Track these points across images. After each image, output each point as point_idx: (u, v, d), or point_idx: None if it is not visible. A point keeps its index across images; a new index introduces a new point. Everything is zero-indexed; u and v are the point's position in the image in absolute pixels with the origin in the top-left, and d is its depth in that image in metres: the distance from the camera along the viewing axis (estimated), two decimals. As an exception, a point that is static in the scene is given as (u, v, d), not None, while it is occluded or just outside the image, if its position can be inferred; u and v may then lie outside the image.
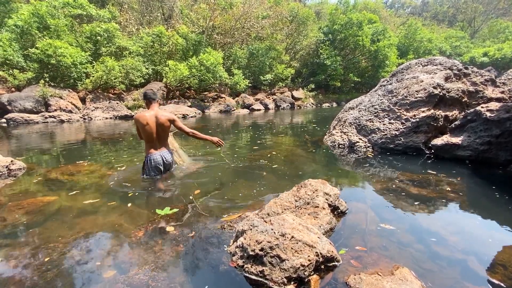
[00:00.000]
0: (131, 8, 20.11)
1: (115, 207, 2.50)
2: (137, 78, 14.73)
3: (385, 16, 40.14)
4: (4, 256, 1.77)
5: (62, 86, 12.97)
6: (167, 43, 16.36)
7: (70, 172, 3.64)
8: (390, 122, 4.58)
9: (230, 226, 2.03)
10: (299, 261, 1.37)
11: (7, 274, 1.59)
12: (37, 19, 13.15)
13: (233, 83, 17.89)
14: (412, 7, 61.41)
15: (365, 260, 1.64)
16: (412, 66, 5.27)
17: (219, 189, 2.98)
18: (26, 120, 10.74)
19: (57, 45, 12.31)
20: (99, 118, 12.04)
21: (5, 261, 1.71)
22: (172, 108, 13.43)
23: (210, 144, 3.90)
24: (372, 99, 5.22)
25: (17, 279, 1.54)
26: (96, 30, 14.27)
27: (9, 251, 1.83)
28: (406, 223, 2.19)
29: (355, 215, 2.29)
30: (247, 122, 10.59)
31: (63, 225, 2.17)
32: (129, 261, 1.69)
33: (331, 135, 5.33)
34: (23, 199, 2.73)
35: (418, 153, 4.29)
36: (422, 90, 4.47)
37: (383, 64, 25.47)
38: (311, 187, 2.14)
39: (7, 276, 1.58)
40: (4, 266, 1.68)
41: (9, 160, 3.63)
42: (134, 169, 3.85)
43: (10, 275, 1.58)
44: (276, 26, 21.78)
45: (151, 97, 3.25)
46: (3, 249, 1.86)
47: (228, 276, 1.52)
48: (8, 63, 12.44)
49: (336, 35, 23.86)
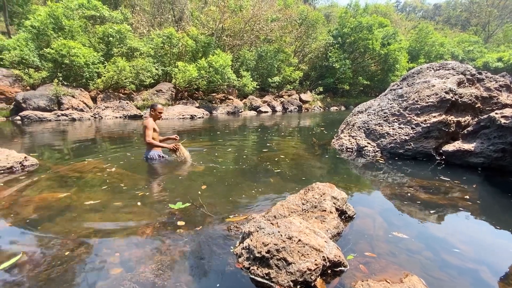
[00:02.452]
0: (142, 10, 20.49)
1: (123, 205, 2.54)
2: (147, 78, 14.95)
3: (396, 20, 39.72)
4: (17, 250, 1.81)
5: (74, 85, 13.28)
6: (177, 45, 16.57)
7: (80, 170, 3.71)
8: (400, 126, 4.51)
9: (237, 228, 2.03)
10: (306, 265, 1.35)
11: (20, 267, 1.63)
12: (52, 20, 13.52)
13: (241, 85, 17.97)
14: (424, 10, 60.58)
15: (373, 267, 1.62)
16: (424, 71, 5.19)
17: (225, 190, 2.98)
18: (39, 118, 11.02)
19: (71, 46, 12.62)
20: (109, 117, 12.26)
21: (17, 255, 1.75)
22: (180, 108, 13.57)
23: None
24: (381, 103, 5.16)
25: (30, 273, 1.57)
26: (108, 31, 14.57)
27: (21, 245, 1.87)
28: (415, 230, 2.14)
29: (363, 220, 2.26)
30: (254, 124, 10.60)
31: (73, 221, 2.21)
32: (135, 259, 1.71)
33: (339, 138, 5.28)
34: (35, 194, 2.79)
35: (428, 159, 4.21)
36: (433, 95, 4.39)
37: (393, 68, 25.18)
38: (318, 190, 2.12)
39: (20, 269, 1.61)
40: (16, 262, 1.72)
41: (23, 157, 3.73)
42: (143, 168, 3.90)
43: (23, 269, 1.62)
44: (285, 28, 21.81)
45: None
46: (16, 243, 1.90)
47: (234, 278, 1.52)
48: (24, 62, 12.82)
49: (345, 38, 23.73)
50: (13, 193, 2.82)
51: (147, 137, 3.85)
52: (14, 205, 2.53)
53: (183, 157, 3.98)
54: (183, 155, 3.99)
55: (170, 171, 3.70)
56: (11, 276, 1.55)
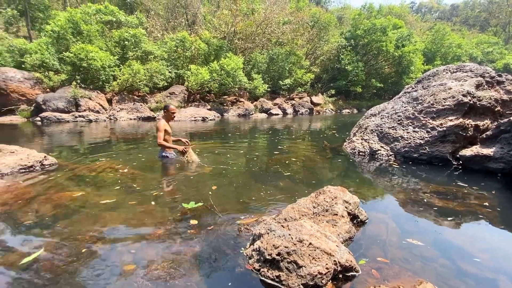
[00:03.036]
0: (157, 14, 20.99)
1: (137, 204, 2.60)
2: (160, 81, 15.28)
3: (411, 21, 38.92)
4: (37, 245, 1.89)
5: (91, 87, 13.73)
6: (190, 48, 16.85)
7: (95, 169, 3.82)
8: (415, 130, 4.40)
9: (247, 229, 2.04)
10: (317, 269, 1.34)
11: (41, 262, 1.70)
12: (72, 25, 14.07)
13: (252, 87, 18.05)
14: (440, 11, 59.03)
15: (385, 272, 1.58)
16: (440, 73, 5.06)
17: (236, 191, 3.00)
18: (58, 119, 11.45)
19: (89, 49, 13.08)
20: (123, 118, 12.58)
21: (38, 250, 1.82)
22: (192, 111, 13.77)
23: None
24: (395, 106, 5.06)
25: (48, 267, 1.64)
26: (124, 35, 15.01)
27: (41, 241, 1.94)
28: (430, 236, 2.08)
29: (375, 226, 2.22)
30: (265, 127, 10.61)
31: (89, 219, 2.28)
32: (149, 257, 1.74)
33: (351, 142, 5.21)
34: (53, 192, 2.90)
35: (445, 163, 4.09)
36: (450, 97, 4.27)
37: (408, 70, 24.64)
38: (330, 194, 2.10)
39: (40, 264, 1.68)
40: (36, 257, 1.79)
41: (43, 156, 3.88)
42: (155, 168, 3.98)
43: (43, 264, 1.68)
44: (297, 31, 21.79)
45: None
46: (37, 238, 1.98)
47: (244, 279, 1.53)
48: (44, 65, 13.39)
49: (358, 41, 23.44)
50: (33, 191, 2.94)
51: (158, 138, 4.02)
52: (34, 202, 2.64)
53: (191, 160, 4.12)
54: (191, 158, 4.14)
55: (181, 172, 3.76)
56: (33, 270, 1.62)
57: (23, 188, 3.03)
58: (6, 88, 12.19)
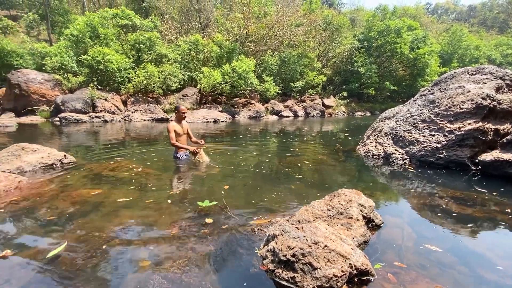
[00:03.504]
0: (171, 18, 21.42)
1: (153, 202, 2.66)
2: (173, 83, 15.56)
3: (427, 23, 38.06)
4: (59, 240, 1.96)
5: (107, 89, 14.15)
6: (203, 51, 17.10)
7: (111, 168, 3.93)
8: (431, 134, 4.30)
9: (261, 230, 2.04)
10: (332, 271, 1.34)
11: (63, 256, 1.76)
12: (90, 28, 14.57)
13: (263, 89, 18.11)
14: (457, 12, 57.46)
15: (402, 278, 1.55)
16: (458, 75, 4.92)
17: (248, 193, 3.01)
18: (75, 119, 11.85)
19: (106, 52, 13.50)
20: (138, 119, 12.88)
21: (61, 244, 1.89)
22: (204, 112, 13.94)
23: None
24: (411, 109, 4.95)
25: (69, 262, 1.70)
26: (139, 38, 15.41)
27: (62, 236, 2.02)
28: (447, 242, 2.03)
29: (391, 230, 2.18)
30: (276, 129, 10.61)
31: (106, 217, 2.35)
32: (164, 255, 1.78)
33: (364, 145, 5.14)
34: (72, 190, 3.01)
35: (462, 168, 3.96)
36: (468, 101, 4.15)
37: (423, 73, 24.08)
38: (344, 197, 2.08)
39: (62, 258, 1.75)
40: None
41: (62, 155, 4.03)
42: (168, 168, 4.05)
43: (64, 258, 1.75)
44: (309, 33, 21.72)
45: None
46: (57, 233, 2.06)
47: (258, 279, 1.53)
48: (63, 68, 13.91)
49: (372, 42, 23.12)
50: (53, 188, 3.06)
51: (171, 140, 4.15)
52: (54, 199, 2.74)
53: (202, 161, 4.21)
54: (202, 159, 4.22)
55: (193, 172, 3.82)
56: (55, 263, 1.69)
57: (44, 185, 3.16)
58: (28, 90, 12.73)
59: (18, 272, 1.61)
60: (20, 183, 3.03)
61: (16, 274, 1.59)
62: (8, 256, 1.75)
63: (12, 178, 3.01)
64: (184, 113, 4.29)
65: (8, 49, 14.65)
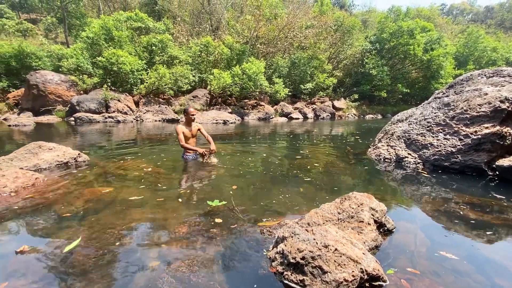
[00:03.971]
0: (183, 21, 21.75)
1: (163, 202, 2.69)
2: (184, 85, 15.78)
3: (441, 24, 37.18)
4: (73, 236, 2.01)
5: (120, 90, 14.48)
6: (213, 53, 17.27)
7: (123, 167, 4.01)
8: (446, 137, 4.18)
9: (269, 232, 2.03)
10: (343, 275, 1.31)
11: (75, 253, 1.81)
12: (104, 31, 14.97)
13: (273, 91, 18.10)
14: (473, 13, 55.89)
15: (415, 285, 1.51)
16: (474, 78, 4.77)
17: (257, 194, 3.01)
18: (89, 119, 12.16)
19: (119, 54, 13.83)
20: (149, 120, 13.10)
21: (75, 240, 1.94)
22: (214, 114, 14.05)
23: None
24: (424, 111, 4.84)
25: (80, 259, 1.74)
26: (152, 40, 15.71)
27: (74, 233, 2.07)
28: (463, 249, 1.96)
29: (403, 235, 2.13)
30: (285, 131, 10.57)
31: (117, 215, 2.39)
32: (172, 254, 1.79)
33: (376, 148, 5.04)
34: (85, 188, 3.08)
35: (479, 174, 3.83)
36: (486, 104, 4.01)
37: (437, 75, 23.50)
38: (356, 200, 2.04)
39: (74, 255, 1.79)
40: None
41: (77, 153, 4.14)
42: (177, 168, 4.10)
43: (76, 255, 1.79)
44: (320, 35, 21.60)
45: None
46: (70, 230, 2.11)
47: (267, 281, 1.52)
48: (79, 69, 14.33)
49: (384, 44, 22.77)
50: (68, 186, 3.14)
51: (180, 141, 4.20)
52: (68, 196, 2.82)
53: (210, 162, 4.25)
54: (209, 160, 4.26)
55: (202, 173, 3.85)
56: (69, 259, 1.73)
57: (59, 182, 3.25)
58: (45, 90, 13.18)
59: (34, 266, 1.66)
60: (36, 180, 3.13)
61: (32, 268, 1.64)
62: (26, 251, 1.80)
63: (29, 175, 3.11)
64: (192, 115, 4.30)
65: (28, 51, 15.22)
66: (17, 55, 15.05)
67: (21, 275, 1.57)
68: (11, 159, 3.68)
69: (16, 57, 15.07)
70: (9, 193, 2.81)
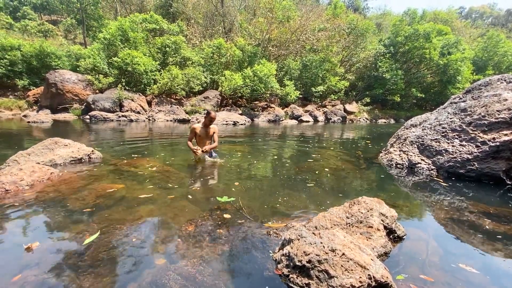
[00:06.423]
0: (196, 23, 22.07)
1: (172, 199, 2.72)
2: (196, 86, 15.98)
3: (459, 28, 36.17)
4: (81, 231, 2.06)
5: (134, 90, 14.81)
6: (225, 54, 17.42)
7: (134, 165, 4.08)
8: (462, 144, 4.04)
9: (276, 234, 2.02)
10: (349, 281, 1.28)
11: (85, 247, 1.85)
12: (120, 32, 15.37)
13: (284, 94, 18.07)
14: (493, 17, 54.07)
15: (426, 294, 1.46)
16: (493, 83, 4.61)
17: (264, 196, 3.00)
18: (104, 118, 12.49)
19: (134, 55, 14.16)
20: (161, 120, 13.33)
21: (83, 235, 1.99)
22: (224, 115, 14.14)
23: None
24: (439, 117, 4.70)
25: (90, 253, 1.78)
26: (166, 42, 16.01)
27: (85, 228, 2.12)
28: (477, 260, 1.88)
29: (414, 243, 2.06)
30: (295, 133, 10.51)
31: (127, 211, 2.43)
32: (179, 252, 1.81)
33: (388, 153, 4.94)
34: (97, 184, 3.15)
35: (496, 182, 3.68)
36: (505, 110, 3.86)
37: (454, 80, 22.82)
38: (365, 205, 2.00)
39: (84, 250, 1.83)
40: (81, 240, 1.95)
41: (91, 150, 4.25)
42: (187, 167, 4.14)
43: (85, 249, 1.83)
44: (333, 38, 21.42)
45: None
46: (82, 224, 2.16)
47: (272, 283, 1.51)
48: (95, 69, 14.76)
49: (398, 48, 22.35)
50: (81, 181, 3.23)
51: (188, 139, 4.40)
52: (81, 192, 2.89)
53: (201, 158, 4.41)
54: (199, 159, 4.41)
55: (210, 172, 3.88)
56: (79, 253, 1.77)
57: (72, 178, 3.34)
58: (63, 89, 13.64)
59: (45, 259, 1.70)
60: (51, 174, 3.24)
61: (43, 261, 1.69)
62: (36, 246, 1.85)
63: (45, 170, 3.21)
64: (210, 120, 4.36)
65: (48, 51, 15.82)
66: (38, 55, 15.68)
67: (34, 265, 1.62)
68: (29, 153, 3.82)
69: (37, 56, 15.70)
70: (25, 186, 2.91)
